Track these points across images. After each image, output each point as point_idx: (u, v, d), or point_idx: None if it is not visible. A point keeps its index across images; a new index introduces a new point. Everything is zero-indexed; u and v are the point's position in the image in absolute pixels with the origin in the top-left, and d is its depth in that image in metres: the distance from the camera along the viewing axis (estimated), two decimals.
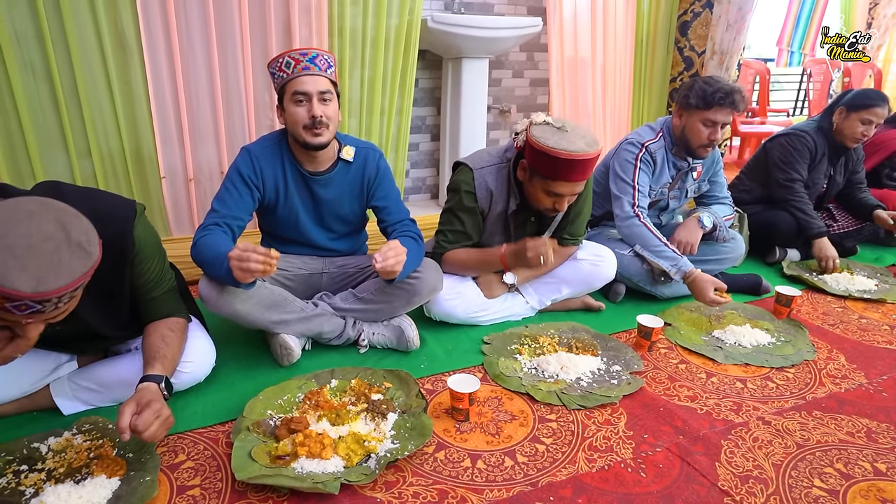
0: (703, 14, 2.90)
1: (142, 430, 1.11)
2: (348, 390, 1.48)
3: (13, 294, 0.89)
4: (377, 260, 1.47)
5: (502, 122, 3.21)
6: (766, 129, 4.58)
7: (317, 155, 1.64)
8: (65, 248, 0.94)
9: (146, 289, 1.33)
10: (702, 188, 2.26)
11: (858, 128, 2.40)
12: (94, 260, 0.99)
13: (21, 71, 1.85)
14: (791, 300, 1.99)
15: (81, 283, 0.97)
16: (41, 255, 0.91)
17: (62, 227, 0.95)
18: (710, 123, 1.98)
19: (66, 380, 1.41)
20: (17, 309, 0.92)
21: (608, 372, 1.64)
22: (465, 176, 1.80)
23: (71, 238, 0.95)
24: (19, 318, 0.95)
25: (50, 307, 0.95)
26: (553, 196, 1.70)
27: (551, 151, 1.58)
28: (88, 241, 0.98)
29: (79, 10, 1.87)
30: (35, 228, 0.92)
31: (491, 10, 2.96)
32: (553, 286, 2.00)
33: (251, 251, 1.34)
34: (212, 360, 1.52)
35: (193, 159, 2.21)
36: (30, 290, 0.90)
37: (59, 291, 0.93)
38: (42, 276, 0.91)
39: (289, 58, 1.55)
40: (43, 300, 0.92)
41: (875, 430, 1.42)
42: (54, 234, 0.94)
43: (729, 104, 1.94)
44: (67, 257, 0.94)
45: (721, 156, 3.14)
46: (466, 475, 1.23)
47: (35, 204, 0.95)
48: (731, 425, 1.42)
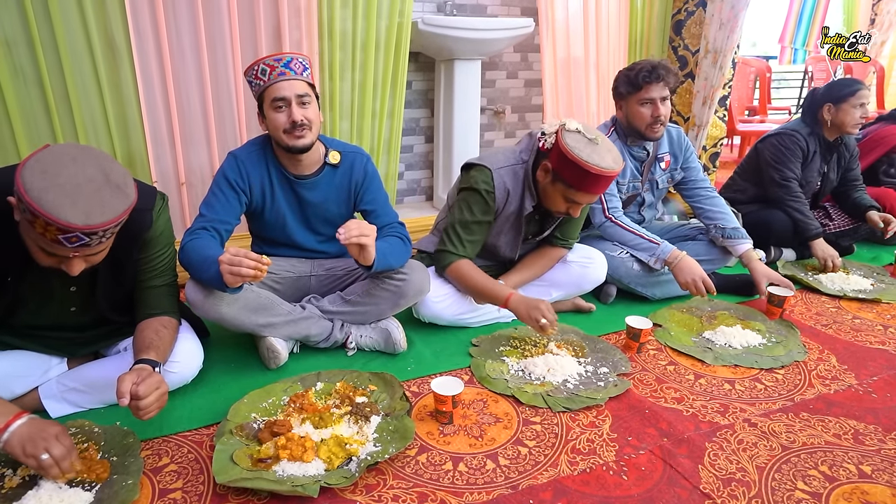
0: (696, 13, 2.88)
1: (143, 396, 1.14)
2: (333, 393, 1.48)
3: (68, 226, 1.02)
4: (340, 233, 1.45)
5: (497, 123, 3.21)
6: (766, 128, 4.55)
7: (301, 158, 1.65)
8: (106, 188, 1.08)
9: (150, 275, 1.39)
10: (675, 177, 2.26)
11: (856, 113, 2.41)
12: (131, 200, 1.12)
13: (11, 76, 1.86)
14: (783, 300, 1.98)
15: (122, 219, 1.11)
16: (88, 193, 1.05)
17: (102, 171, 1.09)
18: (647, 102, 2.01)
19: (54, 381, 1.43)
20: (68, 241, 1.05)
21: (595, 374, 1.63)
22: (484, 176, 1.78)
23: (111, 180, 1.09)
24: (68, 250, 1.08)
25: (95, 241, 1.08)
26: (570, 203, 1.71)
27: (582, 164, 1.58)
28: (126, 183, 1.12)
29: (68, 15, 1.88)
30: (80, 170, 1.06)
31: (484, 11, 2.95)
32: (543, 289, 2.00)
33: (243, 256, 1.36)
34: (199, 361, 1.52)
35: (185, 163, 2.22)
36: (81, 223, 1.03)
37: (105, 225, 1.07)
38: (90, 211, 1.04)
39: (264, 65, 1.56)
40: (91, 232, 1.06)
41: (862, 432, 1.40)
42: (96, 177, 1.07)
43: (655, 78, 1.98)
44: (109, 196, 1.08)
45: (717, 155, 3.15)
46: (447, 478, 1.23)
47: (77, 150, 1.09)
48: (716, 427, 1.42)
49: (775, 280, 2.05)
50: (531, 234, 1.95)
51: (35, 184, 1.02)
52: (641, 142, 2.14)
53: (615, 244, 2.11)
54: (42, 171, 1.03)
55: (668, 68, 2.01)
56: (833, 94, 2.43)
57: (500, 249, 1.94)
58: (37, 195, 1.01)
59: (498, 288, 1.78)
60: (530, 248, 2.01)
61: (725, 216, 2.19)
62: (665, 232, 2.34)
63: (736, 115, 4.57)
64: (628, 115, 2.08)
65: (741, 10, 2.67)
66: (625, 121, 2.11)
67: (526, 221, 1.88)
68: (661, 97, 2.00)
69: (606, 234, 2.12)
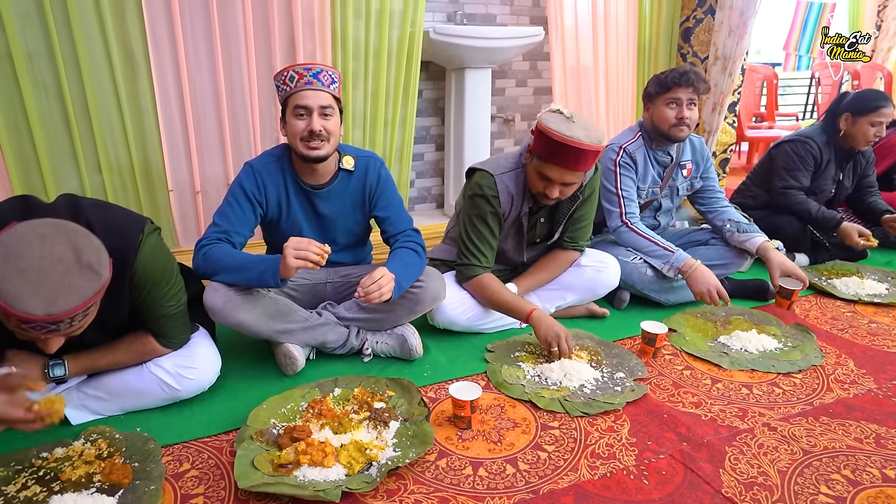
0: (705, 20, 2.90)
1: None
2: (351, 399, 1.49)
3: (28, 318, 0.96)
4: (359, 293, 1.51)
5: (506, 131, 3.23)
6: (775, 134, 4.56)
7: (317, 168, 1.66)
8: (75, 269, 0.99)
9: (143, 307, 1.32)
10: (694, 185, 2.27)
11: (870, 131, 2.39)
12: (103, 280, 1.03)
13: (34, 90, 1.90)
14: (791, 293, 2.00)
15: (93, 302, 1.02)
16: (53, 277, 0.97)
17: (73, 249, 1.00)
18: (674, 102, 2.03)
19: (74, 390, 1.44)
20: (33, 329, 0.99)
21: (612, 379, 1.63)
22: (486, 181, 1.80)
23: (81, 259, 1.00)
24: (37, 335, 1.02)
25: (64, 325, 1.01)
26: (544, 180, 1.71)
27: (548, 132, 1.61)
28: (99, 261, 1.03)
29: (89, 30, 1.92)
30: (48, 251, 0.98)
31: (493, 20, 2.98)
32: (557, 293, 2.00)
33: (309, 241, 1.44)
34: (217, 368, 1.54)
35: (200, 172, 2.25)
36: (42, 313, 0.96)
37: (71, 312, 0.99)
38: (53, 299, 0.97)
39: (293, 72, 1.58)
40: (56, 321, 0.99)
41: (884, 436, 1.39)
42: (65, 257, 0.99)
43: (685, 82, 2.01)
44: (78, 279, 0.99)
45: (727, 161, 3.15)
46: (468, 483, 1.23)
47: (48, 227, 1.01)
48: (735, 431, 1.41)
49: (789, 271, 2.05)
50: (540, 237, 1.96)
51: None
52: (666, 145, 2.15)
53: (629, 250, 2.12)
54: (4, 255, 0.96)
55: (699, 75, 2.03)
56: (854, 106, 2.41)
57: (507, 253, 1.95)
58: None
59: (521, 303, 1.79)
60: (542, 251, 2.02)
61: (739, 216, 2.21)
62: (677, 238, 2.34)
63: (744, 121, 4.57)
64: (654, 117, 2.09)
65: (750, 18, 2.68)
66: (650, 123, 2.12)
67: (530, 224, 1.89)
68: (688, 100, 2.02)
69: (621, 239, 2.12)
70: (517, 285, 1.93)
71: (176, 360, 1.45)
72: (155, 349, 1.42)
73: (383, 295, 1.53)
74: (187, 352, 1.48)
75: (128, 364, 1.43)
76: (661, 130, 2.08)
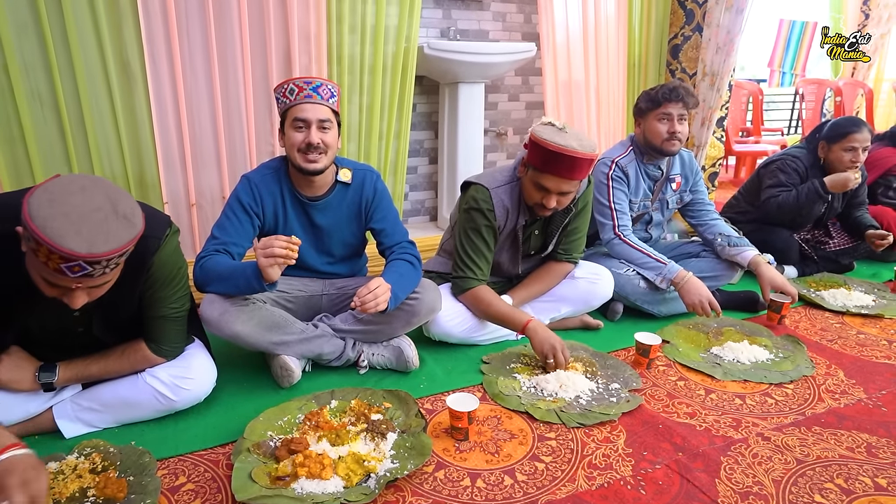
0: (693, 37, 2.97)
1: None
2: (348, 411, 1.49)
3: (70, 254, 1.01)
4: (355, 303, 1.51)
5: (499, 144, 3.27)
6: (761, 148, 4.65)
7: (314, 180, 1.68)
8: (112, 218, 1.07)
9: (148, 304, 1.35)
10: (684, 199, 2.32)
11: (845, 157, 2.43)
12: (137, 230, 1.10)
13: (28, 100, 1.90)
14: (781, 306, 2.06)
15: (126, 248, 1.09)
16: (93, 222, 1.04)
17: (110, 201, 1.08)
18: (665, 117, 2.07)
19: (68, 401, 1.42)
20: (71, 270, 1.04)
21: (607, 390, 1.64)
22: (482, 194, 1.82)
23: (118, 210, 1.08)
24: (71, 280, 1.06)
25: (98, 270, 1.07)
26: (541, 190, 1.73)
27: (543, 142, 1.64)
28: (133, 213, 1.11)
29: (85, 40, 1.92)
30: (88, 200, 1.06)
31: (486, 36, 3.03)
32: (552, 305, 2.02)
33: (274, 238, 1.42)
34: (212, 378, 1.53)
35: (195, 184, 2.25)
36: (84, 251, 1.02)
37: (108, 254, 1.05)
38: (93, 240, 1.03)
39: (293, 85, 1.60)
40: (94, 261, 1.04)
41: (875, 445, 1.42)
42: (103, 206, 1.06)
43: (675, 97, 2.06)
44: (115, 226, 1.07)
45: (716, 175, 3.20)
46: (466, 494, 1.23)
47: (87, 180, 1.09)
48: (730, 441, 1.42)
49: (780, 286, 2.10)
50: (534, 249, 1.98)
51: (41, 212, 1.01)
52: (657, 159, 2.19)
53: (622, 262, 2.14)
54: (49, 199, 1.03)
55: (689, 90, 2.08)
56: (828, 134, 2.47)
57: (502, 266, 1.97)
58: (41, 223, 1.00)
59: (517, 314, 1.80)
60: (536, 264, 2.04)
61: (729, 229, 2.25)
62: (669, 250, 2.37)
63: (731, 136, 4.65)
64: (646, 132, 2.13)
65: (736, 35, 2.75)
66: (641, 138, 2.16)
67: (525, 236, 1.91)
68: (679, 115, 2.07)
69: (614, 251, 2.15)
70: (512, 297, 1.94)
71: (171, 371, 1.44)
72: (147, 357, 1.41)
73: (379, 304, 1.54)
74: (183, 362, 1.47)
75: (119, 373, 1.42)
76: (653, 145, 2.12)
